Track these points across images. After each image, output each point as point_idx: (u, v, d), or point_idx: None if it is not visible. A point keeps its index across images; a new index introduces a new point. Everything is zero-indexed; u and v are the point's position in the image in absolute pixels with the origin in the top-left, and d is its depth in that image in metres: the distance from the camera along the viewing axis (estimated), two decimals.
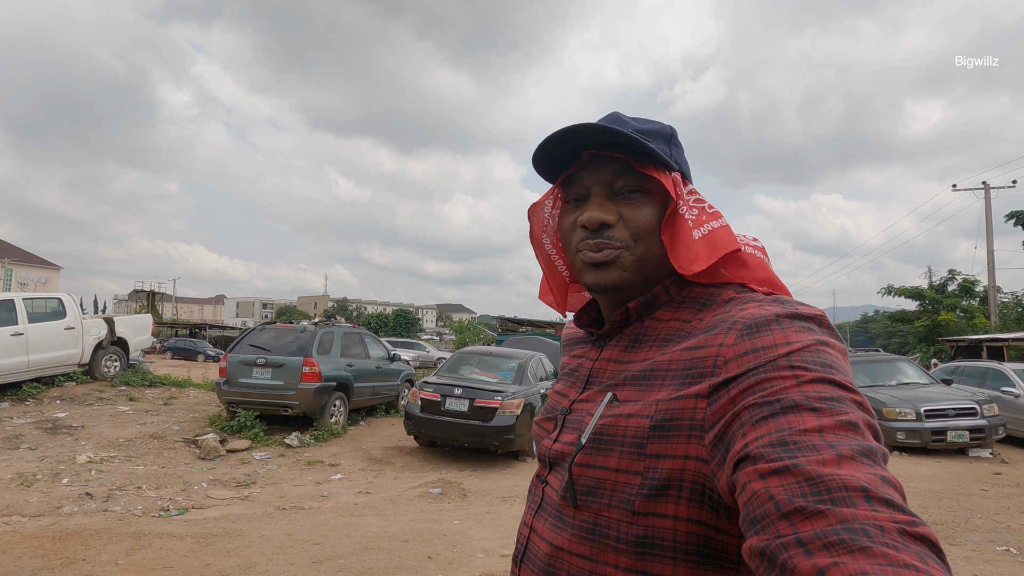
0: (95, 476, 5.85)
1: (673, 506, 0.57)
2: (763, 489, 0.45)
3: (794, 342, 0.55)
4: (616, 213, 0.69)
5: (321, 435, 8.03)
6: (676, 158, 0.72)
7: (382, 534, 4.25)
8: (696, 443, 0.56)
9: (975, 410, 8.00)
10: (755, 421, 0.50)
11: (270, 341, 8.41)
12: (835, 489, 0.42)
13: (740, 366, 0.55)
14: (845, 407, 0.49)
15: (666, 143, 0.72)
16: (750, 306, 0.62)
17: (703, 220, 0.69)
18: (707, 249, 0.66)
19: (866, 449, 0.46)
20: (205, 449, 7.05)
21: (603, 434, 0.64)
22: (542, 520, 0.71)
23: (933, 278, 25.33)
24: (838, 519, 0.40)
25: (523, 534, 0.75)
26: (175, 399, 9.94)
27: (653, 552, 0.58)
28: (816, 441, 0.46)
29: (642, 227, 0.69)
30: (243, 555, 3.73)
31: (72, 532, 4.05)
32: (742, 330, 0.58)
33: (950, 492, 5.97)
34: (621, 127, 0.69)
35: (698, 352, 0.61)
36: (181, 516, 4.77)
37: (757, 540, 0.44)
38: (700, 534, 0.57)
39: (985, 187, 20.87)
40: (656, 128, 0.72)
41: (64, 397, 9.19)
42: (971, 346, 14.61)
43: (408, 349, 23.42)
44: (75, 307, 9.87)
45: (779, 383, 0.51)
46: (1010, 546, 4.33)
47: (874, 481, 0.43)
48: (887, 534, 0.39)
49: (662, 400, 0.60)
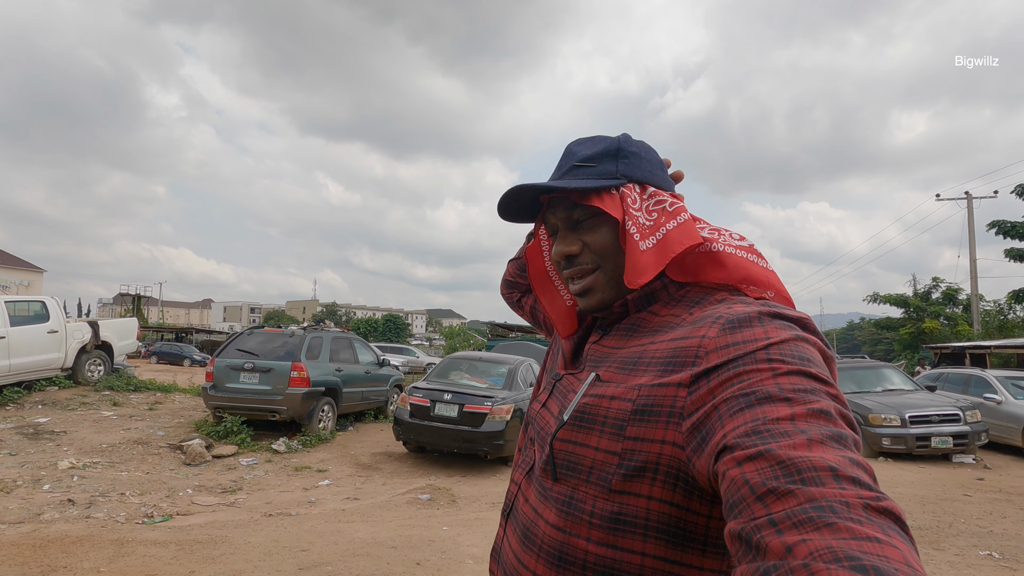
0: (77, 482, 5.75)
1: (648, 487, 0.60)
2: (739, 475, 0.47)
3: (773, 337, 0.57)
4: (579, 242, 0.76)
5: (309, 441, 7.96)
6: (625, 171, 0.75)
7: (370, 540, 4.22)
8: (674, 429, 0.59)
9: (958, 416, 8.11)
10: (732, 412, 0.52)
11: (258, 346, 8.34)
12: (805, 470, 0.44)
13: (720, 357, 0.58)
14: (817, 397, 0.51)
15: (612, 160, 0.76)
16: (737, 306, 0.64)
17: (660, 223, 0.72)
18: (655, 257, 0.70)
19: (836, 434, 0.48)
20: (190, 455, 6.96)
21: (585, 413, 0.67)
22: (531, 484, 0.75)
23: (918, 286, 25.72)
24: (807, 498, 0.42)
25: (511, 491, 0.80)
26: (160, 404, 9.81)
27: (625, 529, 0.61)
28: (788, 428, 0.48)
29: (603, 248, 0.75)
30: (229, 562, 3.68)
31: (53, 539, 3.97)
32: (724, 324, 0.61)
33: (934, 497, 6.04)
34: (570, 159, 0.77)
35: (682, 342, 0.64)
36: (165, 523, 4.70)
37: (735, 524, 0.46)
38: (671, 514, 0.60)
39: (968, 197, 21.26)
40: (601, 149, 0.77)
41: (46, 402, 9.03)
42: (954, 353, 14.83)
43: (397, 354, 23.30)
44: (59, 310, 9.73)
45: (756, 375, 0.54)
46: (992, 550, 4.39)
47: (842, 462, 0.45)
48: (852, 509, 0.41)
49: (644, 385, 0.63)
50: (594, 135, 0.80)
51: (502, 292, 1.25)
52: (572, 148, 0.79)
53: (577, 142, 0.80)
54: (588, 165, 0.76)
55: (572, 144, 0.80)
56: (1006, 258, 17.56)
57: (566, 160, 0.78)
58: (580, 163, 0.76)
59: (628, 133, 0.81)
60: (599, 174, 0.75)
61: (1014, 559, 4.21)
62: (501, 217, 0.82)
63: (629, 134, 0.80)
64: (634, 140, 0.79)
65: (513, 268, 1.20)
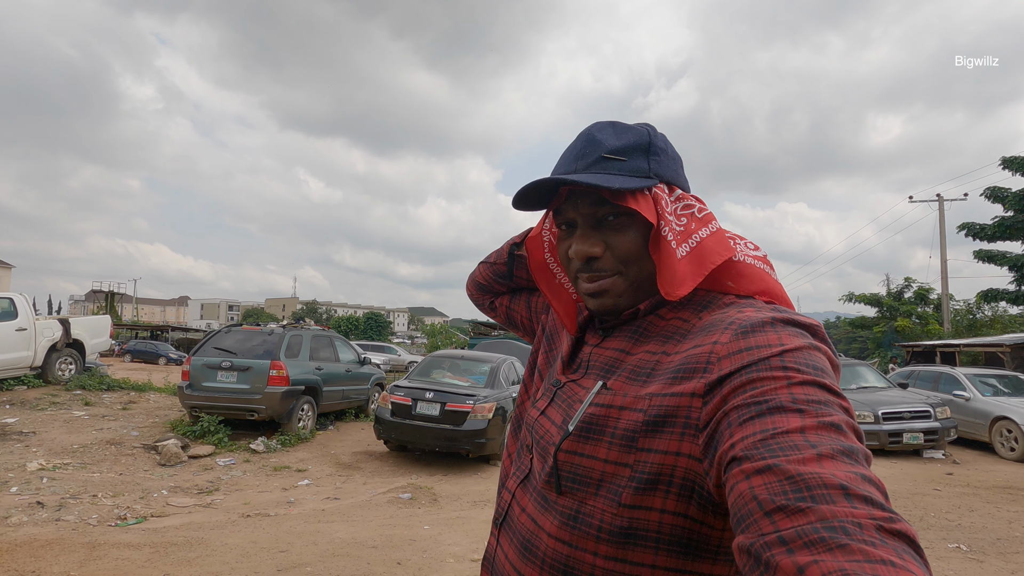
0: (47, 484, 5.59)
1: (661, 500, 0.58)
2: (747, 489, 0.46)
3: (787, 343, 0.55)
4: (602, 243, 0.70)
5: (288, 440, 7.86)
6: (656, 169, 0.70)
7: (350, 540, 4.18)
8: (690, 441, 0.57)
9: (929, 413, 8.34)
10: (742, 421, 0.51)
11: (236, 344, 8.20)
12: (815, 487, 0.43)
13: (733, 363, 0.56)
14: (830, 410, 0.50)
15: (644, 155, 0.70)
16: (747, 310, 0.62)
17: (692, 230, 0.68)
18: (693, 267, 0.66)
19: (847, 449, 0.47)
20: (166, 455, 6.82)
21: (593, 423, 0.64)
22: (527, 493, 0.71)
23: (891, 286, 26.37)
24: (818, 517, 0.41)
25: (504, 499, 0.76)
26: (134, 403, 9.59)
27: (636, 542, 0.59)
28: (798, 441, 0.47)
29: (628, 252, 0.69)
30: (205, 564, 3.62)
31: (21, 543, 3.86)
32: (737, 330, 0.59)
33: (905, 492, 6.20)
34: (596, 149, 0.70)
35: (693, 350, 0.61)
36: (139, 525, 4.59)
37: (743, 538, 0.45)
38: (685, 527, 0.58)
39: (939, 199, 21.84)
40: (632, 142, 0.70)
41: (14, 402, 8.77)
42: (925, 351, 15.23)
43: (379, 352, 23.14)
44: (27, 307, 9.45)
45: (770, 383, 0.52)
46: (960, 543, 4.52)
47: (854, 479, 0.44)
48: (865, 531, 0.40)
49: (656, 395, 0.61)
50: (616, 121, 0.73)
51: (470, 293, 1.15)
52: (595, 135, 0.71)
53: (599, 128, 0.72)
54: (618, 159, 0.68)
55: (594, 130, 0.72)
56: (975, 259, 18.06)
57: (590, 148, 0.70)
58: (609, 155, 0.69)
59: (651, 124, 0.74)
60: (631, 170, 0.68)
61: (980, 551, 4.34)
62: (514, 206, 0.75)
63: (653, 125, 0.74)
64: (658, 132, 0.73)
65: (488, 272, 1.07)
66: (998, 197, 17.30)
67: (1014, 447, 8.35)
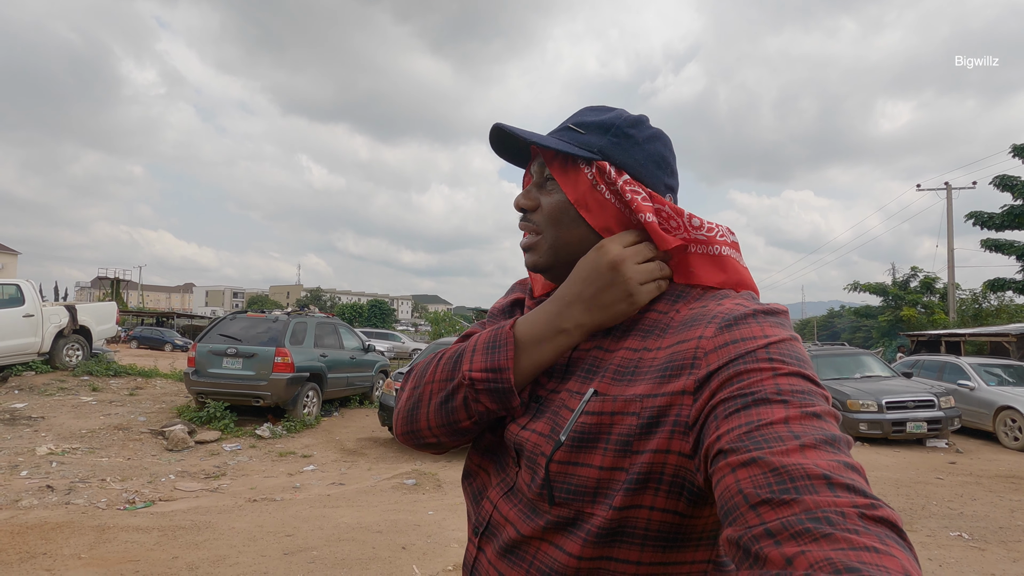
0: (56, 468, 5.67)
1: (651, 498, 0.58)
2: (733, 482, 0.47)
3: (771, 335, 0.57)
4: (537, 199, 0.74)
5: (293, 426, 7.93)
6: (607, 149, 0.70)
7: (355, 525, 4.23)
8: (680, 439, 0.57)
9: (933, 402, 8.32)
10: (728, 414, 0.52)
11: (241, 331, 8.25)
12: (798, 478, 0.44)
13: (720, 357, 0.56)
14: (813, 399, 0.51)
15: (602, 133, 0.71)
16: (726, 302, 0.63)
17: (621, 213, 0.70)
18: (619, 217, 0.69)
19: (829, 438, 0.48)
20: (173, 440, 6.89)
21: (586, 432, 0.62)
22: (510, 504, 0.69)
23: (897, 275, 26.21)
24: (802, 508, 0.42)
25: (485, 509, 0.74)
26: (141, 389, 9.68)
27: (623, 540, 0.59)
28: (782, 432, 0.48)
29: (551, 214, 0.72)
30: (212, 548, 3.67)
31: (32, 526, 3.92)
32: (721, 323, 0.59)
33: (908, 481, 6.22)
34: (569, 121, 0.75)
35: (678, 346, 0.61)
36: (148, 508, 4.66)
37: (731, 531, 0.46)
38: (672, 522, 0.59)
39: (947, 187, 21.60)
40: (599, 120, 0.73)
41: (23, 387, 8.87)
42: (930, 340, 15.17)
43: (383, 340, 23.21)
44: (34, 294, 9.51)
45: (756, 375, 0.53)
46: (962, 531, 4.54)
47: (836, 467, 0.45)
48: (849, 519, 0.41)
49: (647, 397, 0.60)
50: (606, 105, 0.77)
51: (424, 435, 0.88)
52: (581, 110, 0.77)
53: (589, 107, 0.78)
54: (578, 131, 0.72)
55: (585, 107, 0.78)
56: (983, 248, 17.93)
57: (567, 120, 0.76)
58: (573, 126, 0.73)
59: (646, 116, 0.76)
60: (581, 143, 0.71)
61: (982, 539, 4.36)
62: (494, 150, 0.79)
63: (647, 117, 0.75)
64: (647, 126, 0.74)
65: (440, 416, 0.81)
66: (1007, 186, 17.12)
67: (1018, 436, 8.34)
